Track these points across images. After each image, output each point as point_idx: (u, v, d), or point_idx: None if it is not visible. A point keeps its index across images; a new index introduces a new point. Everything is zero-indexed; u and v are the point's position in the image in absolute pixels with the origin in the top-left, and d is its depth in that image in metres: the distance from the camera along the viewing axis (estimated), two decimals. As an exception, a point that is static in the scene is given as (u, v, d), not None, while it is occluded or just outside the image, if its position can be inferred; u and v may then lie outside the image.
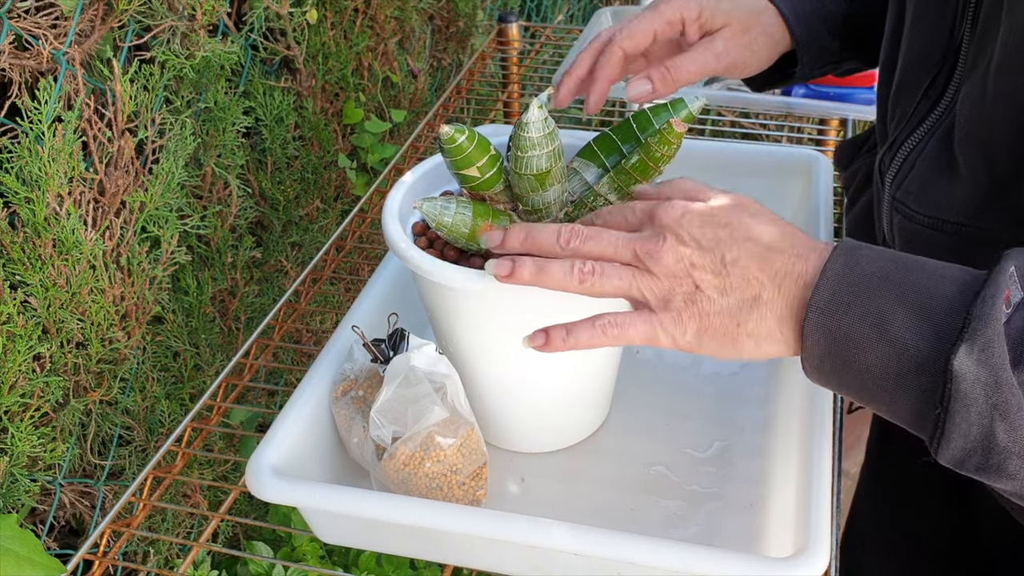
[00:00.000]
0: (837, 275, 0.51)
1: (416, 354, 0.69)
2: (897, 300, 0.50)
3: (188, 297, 1.12)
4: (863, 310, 0.50)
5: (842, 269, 0.51)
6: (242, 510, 1.28)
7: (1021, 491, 0.49)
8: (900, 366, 0.49)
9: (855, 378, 0.51)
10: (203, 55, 1.02)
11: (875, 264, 0.51)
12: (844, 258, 0.52)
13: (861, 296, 0.50)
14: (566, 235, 0.59)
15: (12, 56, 0.86)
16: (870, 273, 0.51)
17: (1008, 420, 0.47)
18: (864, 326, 0.50)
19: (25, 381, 0.88)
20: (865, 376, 0.51)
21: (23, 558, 0.71)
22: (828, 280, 0.51)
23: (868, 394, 0.52)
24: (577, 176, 0.72)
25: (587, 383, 0.77)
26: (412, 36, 1.52)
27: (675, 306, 0.55)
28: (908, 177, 0.67)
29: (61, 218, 0.88)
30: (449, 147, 0.67)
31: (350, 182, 1.40)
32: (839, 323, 0.51)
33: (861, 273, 0.51)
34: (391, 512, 0.64)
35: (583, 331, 0.58)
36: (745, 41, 0.79)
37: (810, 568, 0.58)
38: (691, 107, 0.68)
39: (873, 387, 0.51)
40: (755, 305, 0.54)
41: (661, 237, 0.56)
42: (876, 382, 0.51)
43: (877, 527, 0.97)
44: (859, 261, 0.52)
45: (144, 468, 0.80)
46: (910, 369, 0.49)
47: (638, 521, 0.73)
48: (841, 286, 0.51)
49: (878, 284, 0.50)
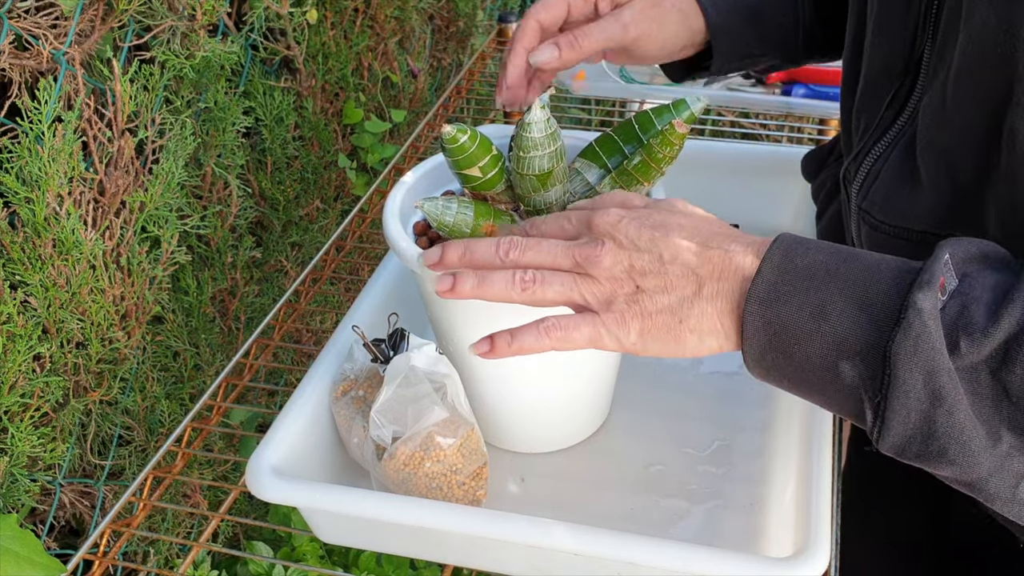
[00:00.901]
0: (776, 267, 0.52)
1: (416, 354, 0.69)
2: (835, 291, 0.50)
3: (188, 297, 1.12)
4: (801, 301, 0.51)
5: (781, 261, 0.52)
6: (242, 510, 1.28)
7: (961, 477, 0.50)
8: (839, 356, 0.50)
9: (796, 370, 0.52)
10: (203, 55, 1.02)
11: (813, 256, 0.52)
12: (783, 250, 0.53)
13: (800, 287, 0.51)
14: (505, 246, 0.59)
15: (12, 56, 0.86)
16: (808, 265, 0.52)
17: (945, 405, 0.48)
18: (803, 316, 0.51)
19: (25, 381, 0.88)
20: (805, 367, 0.51)
21: (23, 558, 0.71)
22: (767, 272, 0.52)
23: (809, 386, 0.52)
24: (579, 177, 0.72)
25: (587, 383, 0.77)
26: (412, 36, 1.52)
27: (617, 308, 0.56)
28: (873, 187, 0.67)
29: (61, 218, 0.88)
30: (451, 147, 0.67)
31: (350, 182, 1.40)
32: (778, 313, 0.51)
33: (800, 265, 0.52)
34: (391, 512, 0.64)
35: (527, 335, 0.58)
36: (654, 14, 0.80)
37: (810, 568, 0.58)
38: (693, 108, 0.68)
39: (814, 379, 0.52)
40: (696, 300, 0.54)
41: (599, 242, 0.57)
42: (816, 373, 0.51)
43: (857, 531, 0.98)
44: (798, 253, 0.52)
45: (144, 468, 0.80)
46: (849, 359, 0.50)
47: (638, 521, 0.73)
48: (780, 277, 0.52)
49: (816, 275, 0.51)
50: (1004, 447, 0.49)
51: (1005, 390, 0.48)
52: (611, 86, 1.36)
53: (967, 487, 0.51)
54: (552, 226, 0.61)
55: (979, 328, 0.48)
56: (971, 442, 0.48)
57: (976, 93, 0.58)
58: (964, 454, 0.49)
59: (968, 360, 0.48)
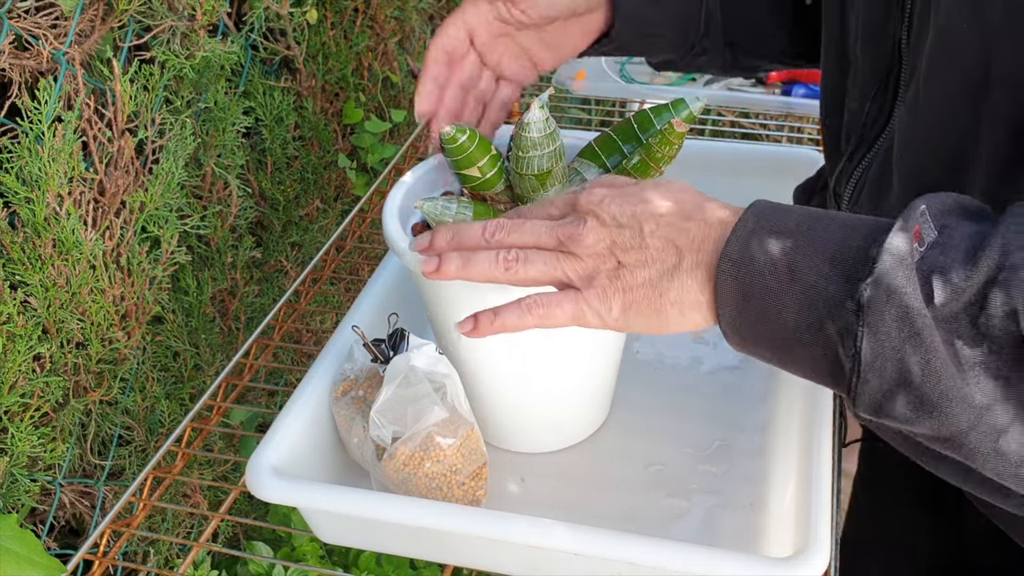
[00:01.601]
0: (748, 231, 0.52)
1: (416, 354, 0.69)
2: (807, 248, 0.50)
3: (188, 297, 1.12)
4: (774, 261, 0.51)
5: (754, 225, 0.52)
6: (242, 510, 1.28)
7: (940, 432, 0.49)
8: (813, 314, 0.49)
9: (770, 332, 0.51)
10: (203, 55, 1.02)
11: (786, 218, 0.52)
12: (756, 213, 0.53)
13: (772, 246, 0.51)
14: (491, 229, 0.60)
15: (12, 56, 0.86)
16: (781, 226, 0.52)
17: (920, 353, 0.47)
18: (776, 276, 0.50)
19: (25, 381, 0.88)
20: (781, 329, 0.51)
21: (23, 558, 0.71)
22: (739, 235, 0.52)
23: (786, 351, 0.52)
24: (578, 176, 0.72)
25: (587, 383, 0.77)
26: (412, 36, 1.52)
27: (599, 283, 0.56)
28: (861, 197, 0.68)
29: (61, 218, 0.88)
30: (450, 147, 0.67)
31: (350, 182, 1.40)
32: (750, 272, 0.51)
33: (772, 227, 0.52)
34: (391, 512, 0.64)
35: (510, 313, 0.59)
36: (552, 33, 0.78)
37: (810, 568, 0.58)
38: (692, 107, 0.68)
39: (791, 340, 0.51)
40: (676, 273, 0.55)
41: (582, 220, 0.57)
42: (793, 334, 0.51)
43: (867, 533, 0.98)
44: (773, 215, 0.52)
45: (144, 468, 0.80)
46: (823, 315, 0.49)
47: (638, 521, 0.72)
48: (752, 237, 0.52)
49: (790, 234, 0.51)
50: (983, 398, 0.47)
51: (984, 336, 0.47)
52: (611, 86, 1.36)
53: (946, 444, 0.50)
54: (538, 210, 0.62)
55: (957, 275, 0.47)
56: (949, 392, 0.47)
57: (945, 91, 0.58)
58: (942, 405, 0.47)
59: (947, 310, 0.47)
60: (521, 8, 0.75)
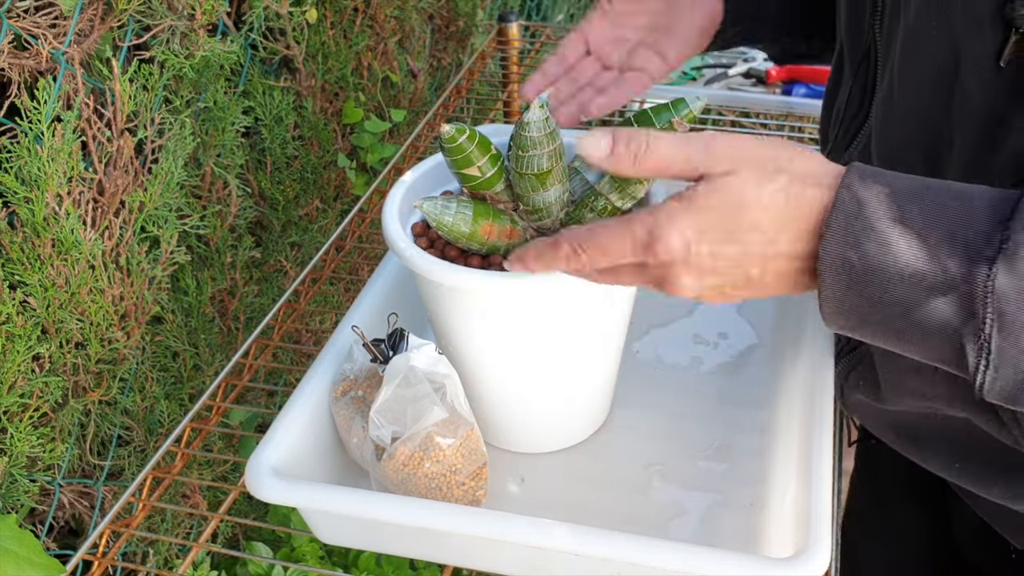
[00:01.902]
0: (854, 198, 0.48)
1: (416, 354, 0.69)
2: (920, 221, 0.46)
3: (187, 297, 1.12)
4: (883, 235, 0.46)
5: (857, 195, 0.48)
6: (241, 510, 1.28)
7: None
8: (928, 295, 0.46)
9: (878, 314, 0.48)
10: (202, 55, 1.02)
11: (892, 182, 0.48)
12: (856, 183, 0.48)
13: (880, 217, 0.47)
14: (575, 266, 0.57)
15: (11, 56, 0.86)
16: (889, 192, 0.48)
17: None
18: (884, 252, 0.46)
19: (24, 381, 0.88)
20: (892, 311, 0.47)
21: (22, 558, 0.71)
22: (840, 211, 0.48)
23: (896, 333, 0.48)
24: (578, 176, 0.72)
25: (587, 383, 0.77)
26: (412, 35, 1.52)
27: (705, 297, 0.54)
28: None
29: (60, 218, 0.87)
30: (450, 146, 0.67)
31: (350, 182, 1.40)
32: (858, 250, 0.47)
33: (876, 197, 0.48)
34: (391, 513, 0.64)
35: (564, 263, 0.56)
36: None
37: (810, 568, 0.58)
38: (692, 107, 0.68)
39: (901, 323, 0.47)
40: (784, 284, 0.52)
41: (674, 276, 0.52)
42: (904, 316, 0.47)
43: (865, 529, 0.98)
44: (873, 184, 0.48)
45: (143, 468, 0.80)
46: (940, 297, 0.45)
47: (639, 521, 0.72)
48: (857, 210, 0.47)
49: (899, 204, 0.47)
50: None
51: None
52: (611, 86, 1.36)
53: None
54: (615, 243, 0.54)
55: None
56: None
57: (915, 84, 0.58)
58: None
59: None
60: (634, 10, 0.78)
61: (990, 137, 0.54)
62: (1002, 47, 0.52)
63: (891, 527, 0.94)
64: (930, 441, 0.70)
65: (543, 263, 0.58)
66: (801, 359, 0.78)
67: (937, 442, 0.70)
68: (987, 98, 0.53)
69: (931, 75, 0.57)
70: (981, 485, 0.67)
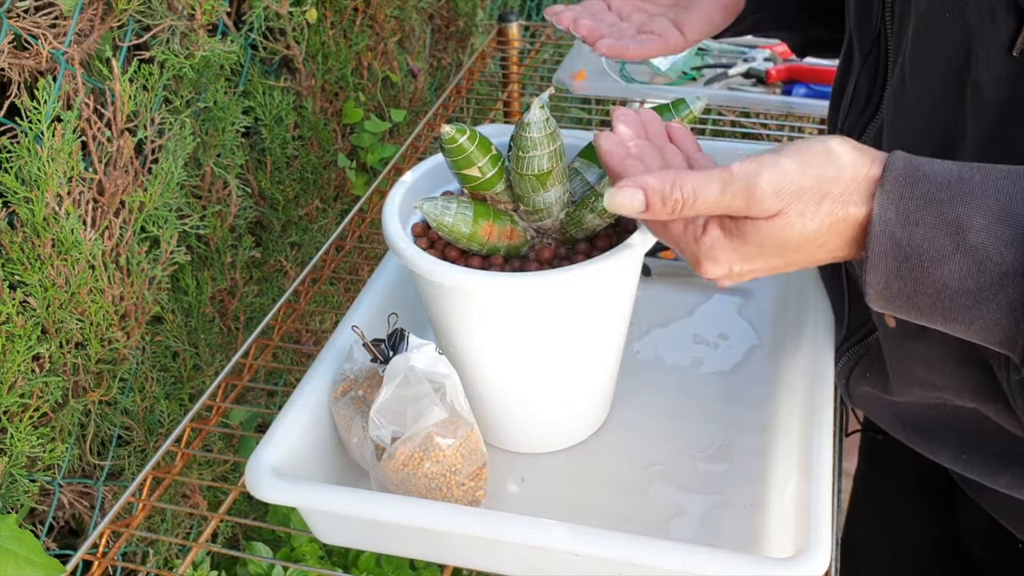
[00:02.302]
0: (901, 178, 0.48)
1: (416, 354, 0.69)
2: (972, 204, 0.46)
3: (187, 297, 1.12)
4: (935, 218, 0.46)
5: (904, 179, 0.48)
6: (241, 510, 1.28)
7: None
8: (981, 279, 0.46)
9: (928, 298, 0.48)
10: (202, 55, 1.02)
11: (937, 171, 0.48)
12: (903, 167, 0.49)
13: (932, 201, 0.47)
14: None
15: (11, 56, 0.86)
16: (938, 174, 0.48)
17: None
18: (938, 237, 0.46)
19: (24, 381, 0.88)
20: (941, 294, 0.47)
21: (22, 558, 0.71)
22: (889, 194, 0.48)
23: (944, 313, 0.48)
24: (578, 176, 0.72)
25: (587, 383, 0.77)
26: (412, 35, 1.52)
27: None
28: None
29: (60, 218, 0.87)
30: (450, 147, 0.67)
31: (350, 182, 1.40)
32: (910, 235, 0.47)
33: (928, 174, 0.48)
34: (391, 513, 0.64)
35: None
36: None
37: (810, 568, 0.58)
38: (693, 107, 0.68)
39: (950, 305, 0.47)
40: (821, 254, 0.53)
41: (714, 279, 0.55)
42: (954, 299, 0.47)
43: (869, 526, 0.98)
44: (922, 168, 0.48)
45: (143, 468, 0.80)
46: (993, 281, 0.45)
47: (639, 521, 0.72)
48: (906, 194, 0.47)
49: (949, 187, 0.47)
50: None
51: None
52: (611, 85, 1.36)
53: None
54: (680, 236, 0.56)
55: None
56: None
57: (926, 74, 0.58)
58: None
59: None
60: None
61: (1004, 128, 0.54)
62: (1015, 36, 0.52)
63: (896, 524, 0.94)
64: (938, 432, 0.70)
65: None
66: (801, 358, 0.78)
67: (945, 433, 0.70)
68: (1000, 88, 0.54)
69: (943, 65, 0.57)
70: (988, 475, 0.68)
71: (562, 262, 0.71)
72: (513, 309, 0.69)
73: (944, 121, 0.58)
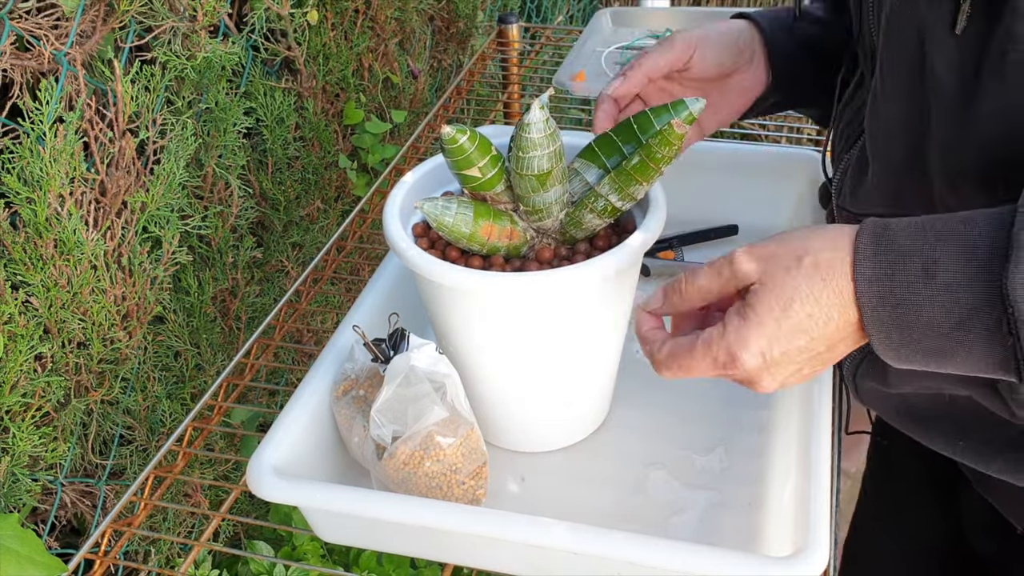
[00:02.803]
0: (870, 248, 0.52)
1: (416, 354, 0.69)
2: (936, 247, 0.50)
3: (189, 297, 1.12)
4: (906, 267, 0.51)
5: (873, 240, 0.52)
6: (243, 509, 1.28)
7: None
8: (960, 311, 0.49)
9: (925, 339, 0.51)
10: (204, 56, 1.02)
11: (903, 225, 0.52)
12: (871, 233, 0.53)
13: (901, 253, 0.51)
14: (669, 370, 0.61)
15: (13, 57, 0.86)
16: (902, 230, 0.52)
17: None
18: (913, 283, 0.50)
19: (26, 381, 0.88)
20: (934, 332, 0.51)
21: (24, 557, 0.71)
22: (863, 256, 0.52)
23: (945, 353, 0.52)
24: (578, 177, 0.72)
25: (587, 383, 0.77)
26: (412, 37, 1.52)
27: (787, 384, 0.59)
28: (844, 182, 0.70)
29: (62, 218, 0.88)
30: (451, 147, 0.67)
31: (351, 182, 1.40)
32: (890, 288, 0.51)
33: (892, 237, 0.52)
34: (392, 511, 0.64)
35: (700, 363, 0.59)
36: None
37: (809, 567, 0.58)
38: (692, 108, 0.68)
39: (946, 342, 0.51)
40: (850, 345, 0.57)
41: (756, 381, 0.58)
42: (946, 335, 0.51)
43: (876, 524, 0.99)
44: (887, 228, 0.53)
45: (145, 468, 0.80)
46: (970, 311, 0.49)
47: (638, 520, 0.73)
48: (877, 253, 0.52)
49: (913, 237, 0.51)
50: None
51: None
52: (611, 86, 1.36)
53: None
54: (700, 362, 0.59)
55: None
56: None
57: (897, 56, 0.61)
58: None
59: None
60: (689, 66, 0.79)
61: (962, 112, 0.57)
62: (956, 13, 0.55)
63: (904, 522, 0.95)
64: (935, 421, 0.72)
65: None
66: (800, 359, 0.78)
67: (942, 422, 0.72)
68: (951, 72, 0.57)
69: (906, 56, 0.60)
70: (982, 462, 0.70)
71: (562, 262, 0.71)
72: (513, 309, 0.69)
73: (912, 112, 0.61)
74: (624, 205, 0.70)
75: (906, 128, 0.62)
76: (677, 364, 0.59)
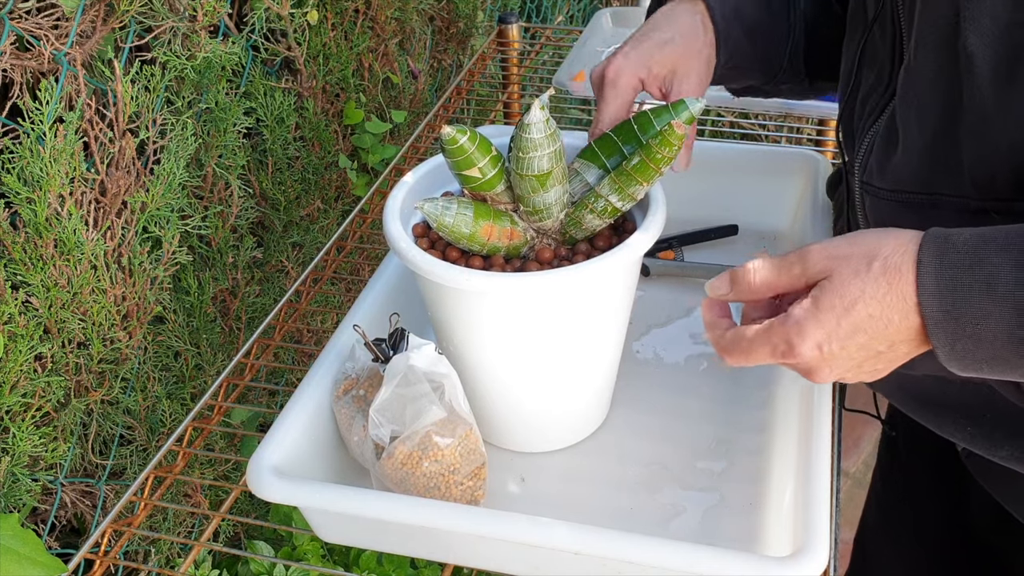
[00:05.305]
0: (934, 262, 0.53)
1: (415, 353, 0.69)
2: (995, 259, 0.51)
3: (189, 297, 1.12)
4: (969, 279, 0.52)
5: (935, 252, 0.53)
6: (243, 509, 1.28)
7: None
8: (1021, 323, 0.50)
9: (988, 351, 0.52)
10: (204, 56, 1.02)
11: (964, 238, 0.53)
12: (932, 243, 0.54)
13: (962, 270, 0.52)
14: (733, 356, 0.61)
15: (14, 57, 0.86)
16: (963, 242, 0.53)
17: None
18: (975, 296, 0.51)
19: (27, 381, 0.88)
20: (996, 346, 0.52)
21: (24, 557, 0.71)
22: (927, 269, 0.53)
23: (1007, 364, 0.53)
24: (578, 177, 0.72)
25: (586, 383, 0.77)
26: (412, 37, 1.52)
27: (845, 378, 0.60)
28: (870, 159, 0.70)
29: (62, 218, 0.88)
30: (451, 148, 0.67)
31: (351, 182, 1.40)
32: (952, 302, 0.52)
33: (955, 249, 0.53)
34: (392, 511, 0.64)
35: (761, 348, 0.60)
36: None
37: (809, 567, 0.59)
38: (692, 109, 0.68)
39: (1008, 354, 0.52)
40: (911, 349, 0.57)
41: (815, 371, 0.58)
42: (1008, 347, 0.52)
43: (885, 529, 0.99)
44: (948, 240, 0.53)
45: (145, 468, 0.80)
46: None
47: (638, 521, 0.73)
48: (941, 267, 0.53)
49: (974, 251, 0.52)
50: None
51: None
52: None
53: None
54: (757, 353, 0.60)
55: None
56: None
57: (930, 36, 0.61)
58: None
59: None
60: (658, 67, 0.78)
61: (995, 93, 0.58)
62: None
63: (912, 514, 0.95)
64: (945, 407, 0.73)
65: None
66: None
67: (952, 407, 0.73)
68: (987, 50, 0.57)
69: (939, 35, 0.60)
70: (991, 448, 0.71)
71: (562, 262, 0.71)
72: (513, 309, 0.69)
73: (944, 92, 0.61)
74: (624, 205, 0.70)
75: (937, 112, 0.62)
76: (739, 350, 0.60)
